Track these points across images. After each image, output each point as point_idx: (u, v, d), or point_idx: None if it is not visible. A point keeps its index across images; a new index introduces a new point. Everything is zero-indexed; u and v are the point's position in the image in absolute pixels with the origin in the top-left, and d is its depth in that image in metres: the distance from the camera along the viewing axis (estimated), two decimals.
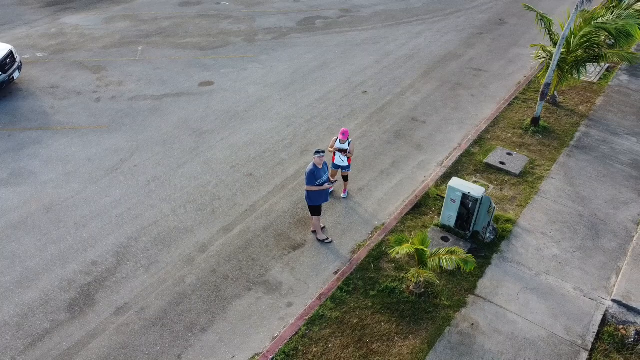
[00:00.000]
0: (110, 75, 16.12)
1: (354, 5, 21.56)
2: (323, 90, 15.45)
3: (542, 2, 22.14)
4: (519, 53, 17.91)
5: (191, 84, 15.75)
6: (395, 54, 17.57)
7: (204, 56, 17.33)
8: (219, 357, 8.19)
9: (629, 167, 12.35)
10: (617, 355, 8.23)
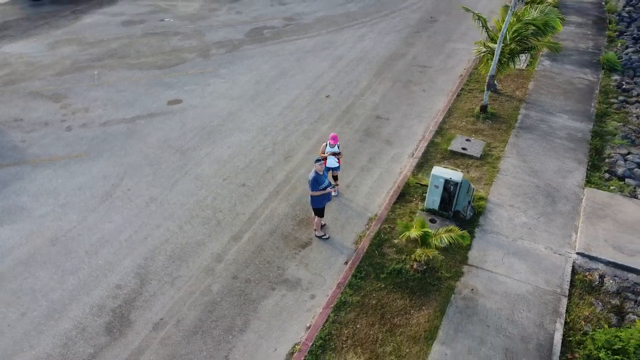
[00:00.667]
0: (73, 103, 16.09)
1: (295, 13, 22.60)
2: (289, 98, 16.42)
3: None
4: (454, 47, 19.86)
5: (159, 103, 16.11)
6: (346, 58, 18.87)
7: (164, 75, 17.67)
8: (262, 352, 9.06)
9: (567, 141, 14.49)
10: (589, 296, 10.05)
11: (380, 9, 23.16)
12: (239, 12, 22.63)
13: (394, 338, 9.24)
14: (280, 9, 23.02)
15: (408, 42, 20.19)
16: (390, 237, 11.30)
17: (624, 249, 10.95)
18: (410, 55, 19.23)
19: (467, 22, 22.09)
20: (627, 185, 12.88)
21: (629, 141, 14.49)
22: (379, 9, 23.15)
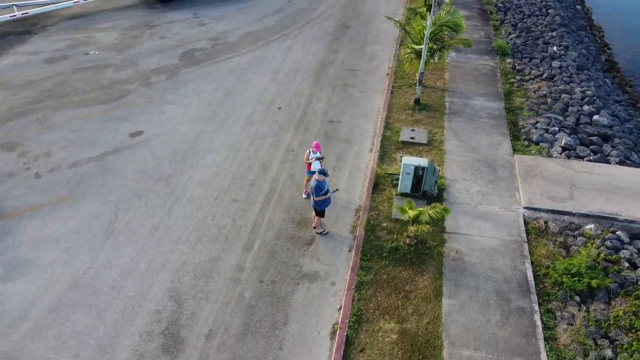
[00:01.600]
0: (30, 149, 15.94)
1: (218, 32, 23.61)
2: (245, 115, 17.67)
3: (366, 3, 27.09)
4: (373, 49, 22.30)
5: (121, 137, 16.52)
6: (283, 70, 20.44)
7: (113, 109, 17.95)
8: (309, 337, 10.57)
9: (488, 119, 17.48)
10: (542, 239, 12.83)
11: (296, 21, 24.94)
12: (163, 37, 23.10)
13: (410, 301, 11.23)
14: (202, 29, 23.86)
15: (332, 49, 22.24)
16: (379, 222, 13.26)
17: (555, 198, 13.95)
18: (338, 61, 21.30)
19: (375, 25, 24.70)
20: (543, 148, 16.08)
21: (533, 112, 17.83)
22: (295, 21, 24.92)
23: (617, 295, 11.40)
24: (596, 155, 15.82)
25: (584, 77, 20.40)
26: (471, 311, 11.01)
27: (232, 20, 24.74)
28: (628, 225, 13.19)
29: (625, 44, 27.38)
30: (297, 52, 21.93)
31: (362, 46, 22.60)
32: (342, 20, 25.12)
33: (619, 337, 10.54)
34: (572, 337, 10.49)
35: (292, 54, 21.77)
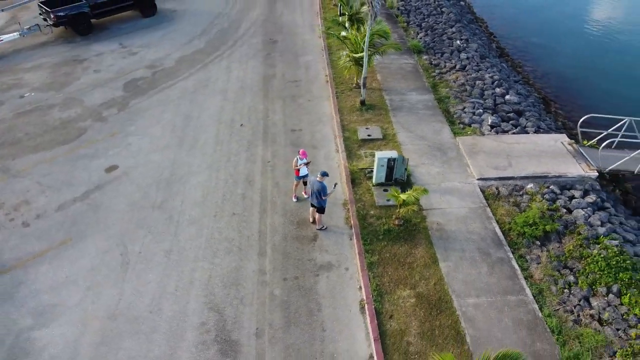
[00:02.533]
0: (6, 200, 15.71)
1: (152, 60, 24.04)
2: (211, 136, 18.71)
3: (283, 17, 28.93)
4: (306, 60, 24.23)
5: (98, 174, 16.80)
6: (231, 89, 21.62)
7: (76, 148, 18.02)
8: (343, 314, 12.29)
9: (425, 110, 20.23)
10: (498, 202, 15.66)
11: (224, 41, 26.06)
12: (97, 71, 23.05)
13: (415, 270, 13.39)
14: (134, 59, 24.11)
15: (268, 64, 23.80)
16: (367, 211, 15.26)
17: (498, 167, 16.93)
18: (278, 74, 22.93)
19: (300, 38, 26.65)
20: (475, 129, 19.12)
21: (458, 99, 20.92)
22: (223, 41, 26.03)
23: (564, 234, 14.50)
24: (517, 128, 19.18)
25: (488, 64, 24.06)
26: (464, 268, 13.43)
27: (160, 46, 25.23)
28: (557, 180, 16.50)
29: (505, 32, 32.04)
30: (237, 70, 23.18)
31: (295, 58, 24.41)
32: (268, 36, 26.71)
33: (575, 265, 13.56)
34: (543, 273, 13.32)
35: (233, 72, 22.98)
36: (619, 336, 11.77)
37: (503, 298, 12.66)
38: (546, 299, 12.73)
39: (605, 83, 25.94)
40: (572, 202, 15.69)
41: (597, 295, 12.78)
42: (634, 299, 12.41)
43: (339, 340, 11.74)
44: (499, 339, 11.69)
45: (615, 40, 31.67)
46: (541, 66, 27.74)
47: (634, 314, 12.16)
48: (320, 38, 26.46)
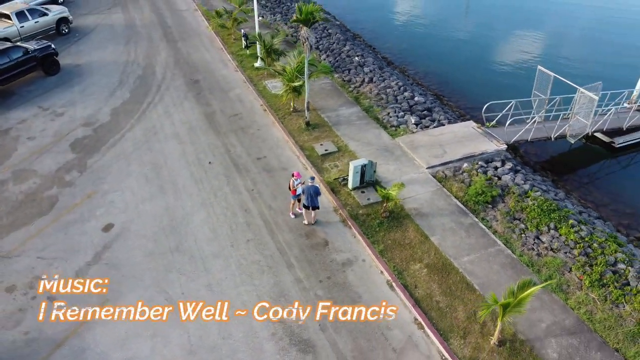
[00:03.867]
0: (15, 282, 15.56)
1: (84, 117, 23.91)
2: (188, 178, 20.02)
3: (191, 56, 30.38)
4: (236, 93, 26.30)
5: (97, 235, 17.26)
6: (181, 132, 22.88)
7: (58, 216, 18.05)
8: (380, 295, 15.13)
9: (359, 120, 23.75)
10: (448, 182, 19.73)
11: (148, 88, 26.83)
12: (32, 138, 22.46)
13: (415, 248, 16.74)
14: (65, 119, 23.80)
15: (203, 102, 25.38)
16: (357, 212, 18.23)
17: (437, 156, 21.08)
18: (217, 110, 24.69)
19: (218, 74, 28.50)
20: (406, 128, 23.17)
21: (381, 107, 24.86)
22: (147, 88, 26.79)
23: (504, 195, 19.03)
24: (435, 122, 23.67)
25: (387, 73, 28.51)
26: (449, 237, 17.14)
27: (85, 103, 25.23)
28: (481, 157, 21.17)
29: (380, 43, 37.19)
30: (177, 113, 24.42)
31: (224, 93, 26.31)
32: (187, 76, 28.08)
33: (520, 216, 18.09)
34: (502, 226, 17.60)
35: (174, 116, 24.18)
36: (567, 257, 16.38)
37: (485, 251, 16.61)
38: (513, 244, 16.98)
39: (477, 74, 32.19)
40: (498, 170, 20.41)
41: (543, 233, 17.37)
42: (566, 229, 17.20)
43: (381, 320, 14.56)
44: (496, 280, 15.55)
45: (467, 35, 38.75)
46: (420, 68, 33.15)
47: (570, 239, 16.91)
48: (237, 72, 28.61)
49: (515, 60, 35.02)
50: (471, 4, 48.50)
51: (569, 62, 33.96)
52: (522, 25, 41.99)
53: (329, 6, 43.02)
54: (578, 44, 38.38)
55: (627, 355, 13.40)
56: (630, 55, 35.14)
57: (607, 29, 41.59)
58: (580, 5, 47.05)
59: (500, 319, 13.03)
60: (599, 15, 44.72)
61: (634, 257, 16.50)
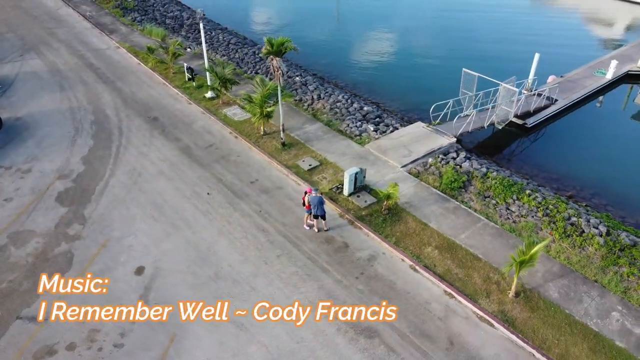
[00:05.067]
0: (71, 339, 15.83)
1: (55, 169, 23.22)
2: (194, 211, 21.04)
3: (136, 95, 30.60)
4: (200, 125, 27.37)
5: (133, 279, 17.73)
6: (166, 170, 23.57)
7: (83, 268, 18.23)
8: (408, 278, 17.89)
9: (326, 134, 26.28)
10: (423, 176, 23.12)
11: (109, 132, 26.69)
12: (9, 199, 21.59)
13: (420, 235, 19.77)
14: (36, 174, 22.88)
15: (172, 138, 26.07)
16: (360, 213, 20.79)
17: (405, 155, 24.39)
18: (190, 144, 25.61)
19: (173, 108, 29.20)
20: (368, 136, 26.16)
21: (339, 120, 27.61)
22: (108, 132, 26.64)
23: (470, 179, 22.85)
24: (390, 127, 27.02)
25: (330, 88, 31.41)
26: (443, 221, 20.43)
27: (48, 155, 24.60)
28: (439, 151, 24.91)
29: (302, 60, 39.99)
30: (152, 152, 24.96)
31: (189, 126, 27.27)
32: (144, 115, 28.40)
33: (489, 194, 21.99)
34: (479, 205, 21.35)
35: (150, 155, 24.70)
36: (535, 219, 20.51)
37: (475, 227, 20.15)
38: (492, 217, 20.75)
39: (397, 79, 36.35)
40: (457, 160, 24.27)
41: (511, 204, 21.39)
42: (526, 199, 21.38)
43: (420, 293, 17.37)
44: (492, 248, 19.11)
45: (385, 42, 43.08)
46: (349, 79, 36.55)
47: (532, 205, 21.09)
48: (191, 104, 29.57)
49: (424, 64, 39.97)
50: (354, 11, 53.34)
51: (472, 61, 39.65)
52: (416, 30, 47.60)
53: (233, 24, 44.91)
54: (471, 42, 44.59)
55: (604, 282, 17.63)
56: (515, 51, 41.97)
57: (488, 27, 48.75)
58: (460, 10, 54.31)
59: (517, 274, 16.48)
60: (479, 17, 52.12)
61: (579, 211, 21.13)
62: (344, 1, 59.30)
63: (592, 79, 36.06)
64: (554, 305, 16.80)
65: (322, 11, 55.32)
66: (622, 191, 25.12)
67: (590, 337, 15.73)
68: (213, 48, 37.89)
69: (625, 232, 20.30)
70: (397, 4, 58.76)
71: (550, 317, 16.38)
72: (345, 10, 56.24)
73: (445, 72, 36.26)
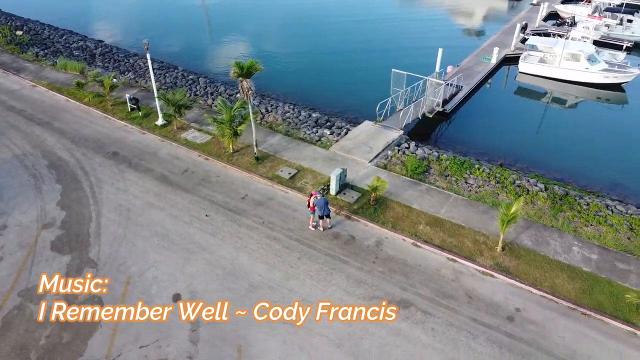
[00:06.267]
0: None
1: (34, 220, 22.33)
2: (201, 234, 21.97)
3: (50, 138, 29.84)
4: (165, 152, 27.81)
5: (176, 309, 18.66)
6: (155, 202, 23.96)
7: (118, 304, 18.54)
8: (413, 253, 21.03)
9: (291, 144, 28.39)
10: (389, 167, 26.44)
11: (73, 173, 25.52)
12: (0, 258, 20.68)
13: (409, 217, 23.01)
14: (13, 230, 21.44)
15: (143, 169, 26.29)
16: (353, 208, 23.44)
17: (368, 152, 27.49)
18: (164, 172, 26.06)
19: (130, 139, 29.02)
20: (326, 140, 28.80)
21: (294, 129, 29.86)
22: (73, 174, 25.57)
23: (429, 164, 26.63)
24: (342, 129, 29.93)
25: (273, 101, 33.40)
26: (422, 201, 23.89)
27: (17, 207, 23.33)
28: (394, 143, 28.42)
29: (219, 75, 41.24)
30: (129, 186, 24.97)
31: (154, 155, 27.53)
32: (101, 151, 27.97)
33: (448, 173, 25.94)
34: (444, 184, 25.20)
35: (130, 189, 24.82)
36: (491, 187, 24.87)
37: (448, 202, 23.93)
38: (459, 192, 24.73)
39: (320, 82, 39.38)
40: (410, 149, 27.99)
41: (468, 179, 25.57)
42: (478, 172, 25.73)
43: (430, 264, 20.58)
44: (470, 216, 23.01)
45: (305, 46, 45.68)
46: (275, 89, 38.70)
47: (483, 177, 25.47)
48: (145, 134, 29.70)
49: (337, 68, 43.55)
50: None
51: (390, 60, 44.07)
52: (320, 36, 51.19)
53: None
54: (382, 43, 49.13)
55: (558, 226, 22.42)
56: (409, 47, 47.35)
57: (371, 28, 53.91)
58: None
59: (502, 232, 20.41)
60: (357, 20, 57.16)
61: (519, 175, 25.99)
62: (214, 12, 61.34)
63: (481, 65, 42.41)
64: (531, 251, 21.06)
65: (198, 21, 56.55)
66: (532, 153, 30.94)
67: (565, 269, 20.17)
68: (140, 75, 37.59)
69: (556, 185, 25.50)
70: (260, 10, 62.04)
71: (532, 261, 20.57)
72: (218, 20, 58.04)
73: (361, 73, 40.31)
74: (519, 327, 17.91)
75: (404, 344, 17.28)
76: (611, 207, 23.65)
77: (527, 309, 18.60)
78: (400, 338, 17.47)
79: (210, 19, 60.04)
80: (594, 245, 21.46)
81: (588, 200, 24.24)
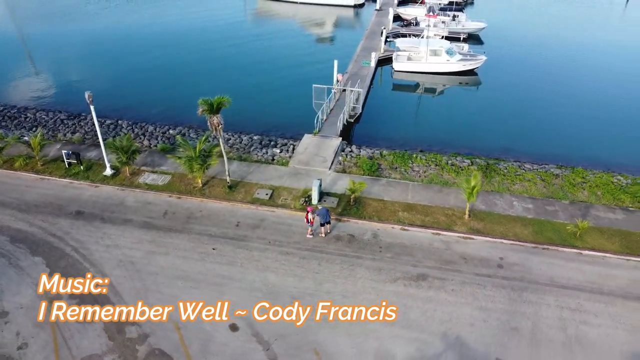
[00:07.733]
0: None
1: (38, 297, 21.60)
2: (219, 268, 23.07)
3: None
4: (132, 202, 27.66)
5: (243, 337, 20.00)
6: (153, 250, 24.27)
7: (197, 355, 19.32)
8: (405, 234, 25.17)
9: (247, 167, 30.34)
10: (347, 169, 30.13)
11: (50, 245, 24.11)
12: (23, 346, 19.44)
13: (386, 207, 27.07)
14: (20, 312, 20.70)
15: (120, 222, 25.98)
16: (339, 211, 26.64)
17: (324, 161, 30.80)
18: (145, 220, 26.08)
19: (85, 196, 27.89)
20: (279, 157, 31.38)
21: (246, 153, 31.80)
22: (49, 245, 23.85)
23: (377, 160, 30.97)
24: (287, 146, 32.70)
25: (205, 131, 34.60)
26: (390, 194, 28.11)
27: (7, 291, 22.08)
28: (339, 149, 32.13)
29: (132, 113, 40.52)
30: (119, 240, 24.50)
31: (123, 205, 27.15)
32: (63, 213, 26.62)
33: (396, 166, 30.60)
34: (398, 175, 29.79)
35: (121, 242, 24.33)
36: (433, 171, 30.12)
37: (409, 189, 28.55)
38: (413, 179, 29.46)
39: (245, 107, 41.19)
40: (353, 152, 32.03)
41: (412, 167, 30.49)
42: (418, 160, 30.85)
43: (422, 242, 24.88)
44: (432, 196, 27.91)
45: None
46: None
47: (424, 163, 30.68)
48: (97, 187, 28.86)
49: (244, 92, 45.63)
50: None
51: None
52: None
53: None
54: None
55: (500, 189, 28.43)
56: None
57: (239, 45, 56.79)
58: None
59: (468, 202, 25.57)
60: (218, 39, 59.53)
61: (447, 156, 31.71)
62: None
63: (364, 69, 48.21)
64: (488, 212, 26.68)
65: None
66: (435, 136, 37.39)
67: (517, 220, 26.15)
68: (52, 129, 35.27)
69: (478, 159, 31.79)
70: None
71: (492, 220, 26.17)
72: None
73: (270, 95, 43.31)
74: (509, 270, 23.18)
75: (439, 306, 21.28)
76: (522, 167, 30.57)
77: (507, 256, 24.00)
78: (433, 303, 21.42)
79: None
80: (526, 197, 27.95)
81: (504, 165, 30.89)
